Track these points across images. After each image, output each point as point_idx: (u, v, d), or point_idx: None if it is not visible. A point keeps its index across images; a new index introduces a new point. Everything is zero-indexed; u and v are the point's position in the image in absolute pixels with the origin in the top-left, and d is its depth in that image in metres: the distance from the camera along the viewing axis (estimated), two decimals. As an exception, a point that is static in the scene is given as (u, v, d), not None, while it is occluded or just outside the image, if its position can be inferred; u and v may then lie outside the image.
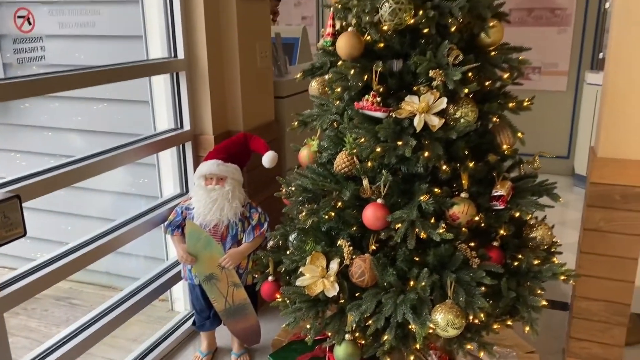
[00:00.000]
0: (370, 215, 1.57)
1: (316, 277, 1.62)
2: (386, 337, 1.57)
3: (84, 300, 3.04)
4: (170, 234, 2.29)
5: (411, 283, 1.56)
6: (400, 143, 1.51)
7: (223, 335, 2.49)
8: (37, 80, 1.80)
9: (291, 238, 1.87)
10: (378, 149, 1.53)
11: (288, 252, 1.84)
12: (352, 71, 1.58)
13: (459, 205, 1.55)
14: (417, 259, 1.61)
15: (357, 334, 1.67)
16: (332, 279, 1.61)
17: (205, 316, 2.39)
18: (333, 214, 1.68)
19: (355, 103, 1.60)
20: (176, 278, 2.52)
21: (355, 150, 1.62)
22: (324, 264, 1.63)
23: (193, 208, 2.21)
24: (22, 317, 2.86)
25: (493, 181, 1.64)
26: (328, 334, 1.71)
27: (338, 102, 1.71)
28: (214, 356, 2.48)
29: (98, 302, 2.40)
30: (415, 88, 1.56)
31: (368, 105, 1.55)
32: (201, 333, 2.47)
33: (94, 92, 2.41)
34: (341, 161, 1.67)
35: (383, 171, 1.59)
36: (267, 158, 2.28)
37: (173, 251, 2.53)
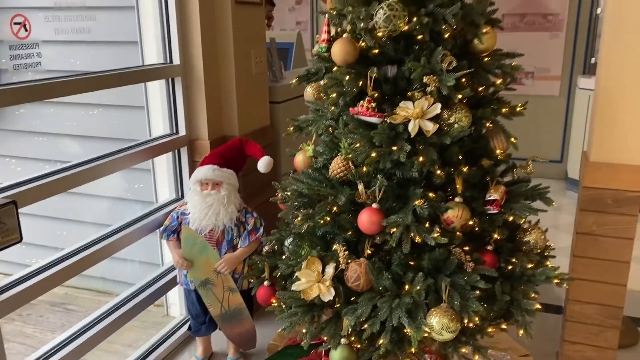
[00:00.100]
0: (365, 219, 1.58)
1: (312, 282, 1.63)
2: (382, 341, 1.57)
3: (80, 305, 3.04)
4: (165, 239, 2.29)
5: (406, 287, 1.56)
6: (395, 148, 1.52)
7: (219, 340, 2.49)
8: (33, 86, 1.80)
9: (287, 243, 1.87)
10: (373, 154, 1.54)
11: (284, 257, 1.84)
12: (347, 77, 1.60)
13: (454, 209, 1.57)
14: (412, 263, 1.61)
15: (353, 338, 1.68)
16: (328, 284, 1.61)
17: (200, 321, 2.39)
18: (328, 219, 1.68)
19: (350, 108, 1.60)
20: (172, 283, 2.52)
21: (350, 155, 1.63)
22: (320, 269, 1.64)
23: (189, 213, 2.22)
24: (18, 323, 2.85)
25: (487, 186, 1.65)
26: (324, 339, 1.71)
27: (333, 108, 1.72)
28: (210, 361, 2.49)
29: (93, 308, 2.39)
30: (409, 94, 1.57)
31: (363, 110, 1.56)
32: (197, 338, 2.47)
33: (90, 98, 2.41)
34: (336, 166, 1.68)
35: (378, 176, 1.60)
36: (263, 163, 2.28)
37: (168, 256, 2.53)
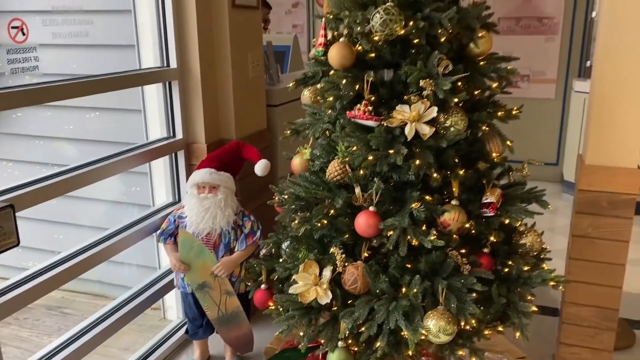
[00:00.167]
0: (362, 222, 1.58)
1: (309, 285, 1.63)
2: (379, 344, 1.58)
3: (76, 309, 3.03)
4: (163, 243, 2.29)
5: (403, 290, 1.57)
6: (391, 151, 1.52)
7: (216, 343, 2.49)
8: (30, 90, 1.80)
9: (284, 246, 1.87)
10: (370, 157, 1.55)
11: (281, 260, 1.84)
12: (344, 81, 1.60)
13: (450, 212, 1.57)
14: (409, 266, 1.62)
15: (350, 341, 1.68)
16: (325, 287, 1.61)
17: (198, 324, 2.39)
18: (325, 222, 1.69)
19: (347, 112, 1.61)
20: (169, 286, 2.52)
21: (347, 158, 1.63)
22: (317, 272, 1.64)
23: (186, 216, 2.22)
24: (14, 327, 2.84)
25: (483, 189, 1.66)
26: (321, 341, 1.72)
27: (330, 111, 1.73)
28: (207, 364, 2.49)
29: (90, 311, 2.39)
30: (406, 97, 1.57)
31: (360, 114, 1.57)
32: (194, 341, 2.47)
33: (87, 101, 2.40)
34: (333, 169, 1.69)
35: (375, 179, 1.61)
36: (260, 166, 2.29)
37: (165, 260, 2.53)
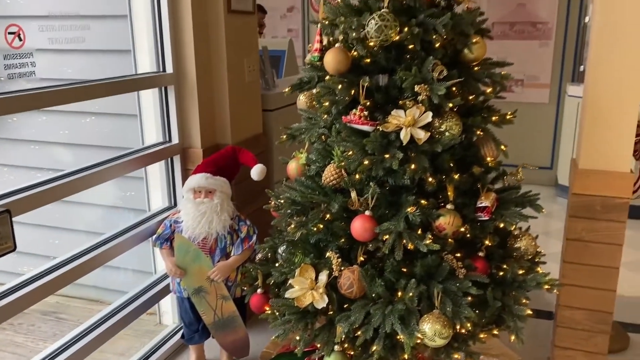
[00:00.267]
0: (358, 227, 1.59)
1: (305, 289, 1.63)
2: (375, 348, 1.58)
3: (72, 314, 3.02)
4: (159, 247, 2.29)
5: (399, 294, 1.58)
6: (387, 156, 1.54)
7: (212, 348, 2.49)
8: (26, 95, 1.80)
9: (280, 250, 1.88)
10: (366, 162, 1.56)
11: (277, 265, 1.85)
12: (340, 86, 1.61)
13: (445, 216, 1.58)
14: (405, 270, 1.63)
15: (346, 345, 1.68)
16: (321, 291, 1.62)
17: (194, 329, 2.39)
18: (321, 226, 1.70)
19: (343, 117, 1.62)
20: (164, 291, 2.52)
21: (343, 163, 1.64)
22: (313, 276, 1.65)
23: (182, 221, 2.22)
24: (9, 332, 2.83)
25: (478, 193, 1.67)
26: (317, 346, 1.72)
27: (326, 116, 1.74)
28: (203, 369, 2.48)
29: (85, 317, 2.38)
30: (401, 102, 1.59)
31: (355, 119, 1.58)
32: (190, 346, 2.46)
33: (82, 106, 2.41)
34: (329, 174, 1.69)
35: (371, 183, 1.62)
36: (256, 171, 2.29)
37: (161, 264, 2.53)
